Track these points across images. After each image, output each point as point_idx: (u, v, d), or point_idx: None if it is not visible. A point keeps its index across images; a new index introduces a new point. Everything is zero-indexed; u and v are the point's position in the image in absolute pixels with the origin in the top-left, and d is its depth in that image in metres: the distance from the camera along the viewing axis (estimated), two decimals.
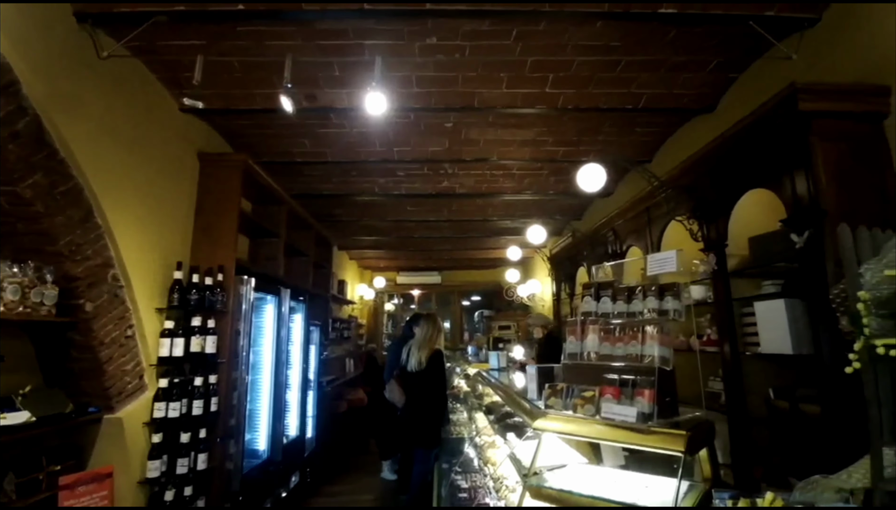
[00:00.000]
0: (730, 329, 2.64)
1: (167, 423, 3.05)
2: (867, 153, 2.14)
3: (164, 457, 3.02)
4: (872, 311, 0.97)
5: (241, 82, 3.22)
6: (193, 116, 3.58)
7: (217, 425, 3.30)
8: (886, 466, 0.97)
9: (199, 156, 3.61)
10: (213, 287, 3.32)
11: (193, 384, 3.17)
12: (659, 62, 3.06)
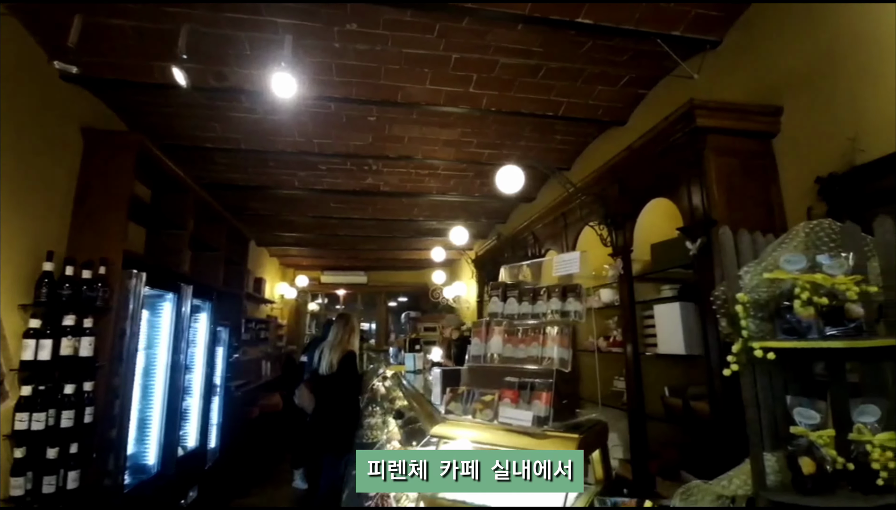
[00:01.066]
0: (632, 330, 2.73)
1: (31, 437, 2.61)
2: (756, 168, 2.28)
3: (28, 474, 2.59)
4: (751, 314, 0.97)
5: (135, 51, 2.86)
6: (80, 88, 3.13)
7: (93, 438, 2.89)
8: (769, 473, 0.97)
9: (83, 132, 3.16)
10: (93, 281, 2.90)
11: (63, 392, 2.74)
12: (577, 72, 3.12)
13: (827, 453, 0.86)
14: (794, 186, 2.17)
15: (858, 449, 0.86)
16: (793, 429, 0.89)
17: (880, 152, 1.81)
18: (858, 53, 1.94)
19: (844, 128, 1.95)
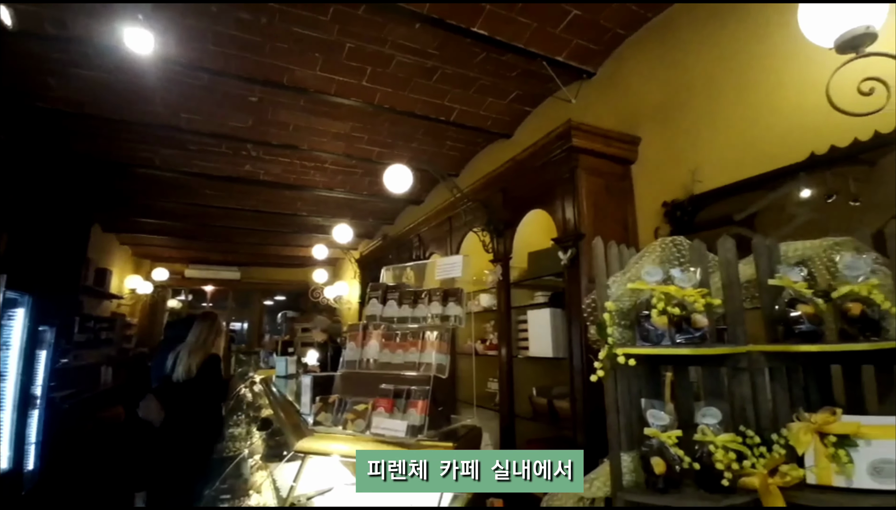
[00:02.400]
0: (507, 334, 2.83)
1: None
2: (617, 189, 2.51)
3: None
4: (616, 321, 1.01)
5: None
6: None
7: None
8: (625, 473, 1.00)
9: None
10: None
11: None
12: (470, 81, 3.17)
13: (675, 453, 0.92)
14: (645, 208, 2.43)
15: (703, 449, 0.93)
16: (646, 431, 0.94)
17: (712, 185, 2.10)
18: (703, 97, 2.24)
19: (688, 160, 2.23)
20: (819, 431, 0.89)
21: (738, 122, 2.06)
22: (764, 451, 0.91)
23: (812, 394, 0.97)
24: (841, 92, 1.46)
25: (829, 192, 1.73)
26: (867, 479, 0.86)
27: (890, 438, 0.85)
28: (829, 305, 0.91)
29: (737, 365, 0.95)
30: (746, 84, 2.05)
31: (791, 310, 0.91)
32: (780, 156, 1.85)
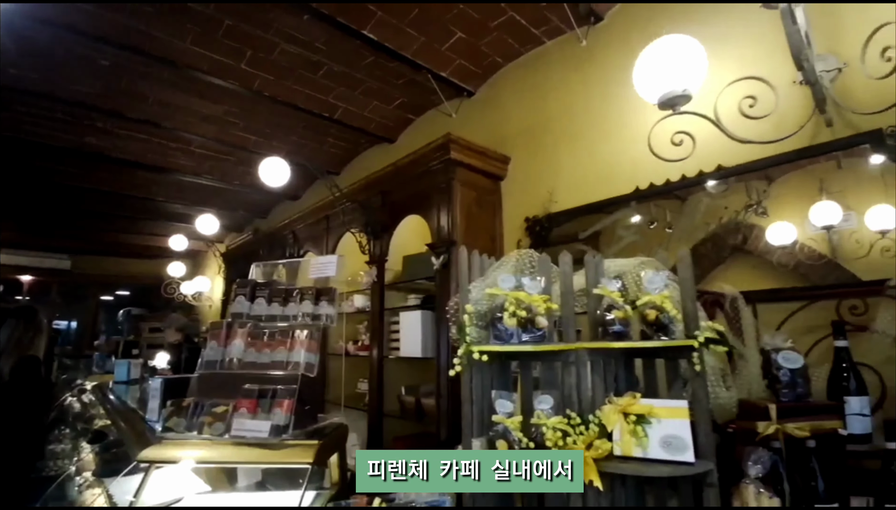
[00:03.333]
0: (380, 335, 2.88)
1: None
2: (488, 203, 2.73)
3: None
4: (474, 322, 1.13)
5: None
6: None
7: None
8: None
9: None
10: None
11: None
12: (357, 82, 3.17)
13: (516, 435, 1.06)
14: (511, 222, 2.68)
15: (538, 430, 1.08)
16: (494, 418, 1.07)
17: (565, 206, 2.41)
18: (562, 128, 2.55)
19: (547, 182, 2.52)
20: (623, 412, 1.10)
21: (587, 154, 2.40)
22: (583, 430, 1.09)
23: (621, 382, 1.19)
24: (659, 140, 1.81)
25: (652, 219, 2.12)
26: (659, 451, 1.08)
27: (674, 418, 1.09)
28: (635, 311, 1.13)
29: (568, 359, 1.13)
30: (594, 123, 2.40)
31: (608, 315, 1.12)
32: (615, 186, 2.21)
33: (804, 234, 1.69)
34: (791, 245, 1.71)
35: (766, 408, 1.13)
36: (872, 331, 1.38)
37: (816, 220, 1.66)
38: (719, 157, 1.86)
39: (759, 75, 1.63)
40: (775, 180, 1.79)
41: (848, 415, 1.21)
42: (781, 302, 1.60)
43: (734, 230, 1.87)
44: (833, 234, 1.64)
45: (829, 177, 1.65)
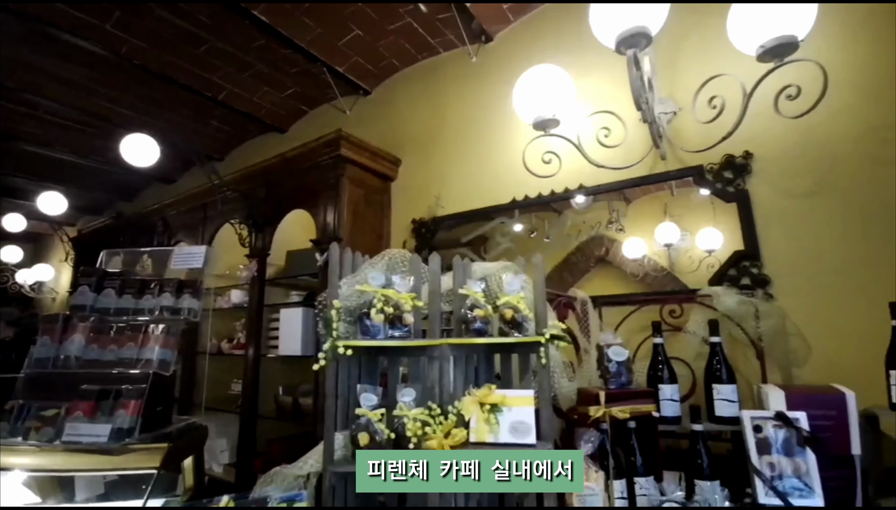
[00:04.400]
0: (257, 333, 2.73)
1: None
2: (377, 202, 2.75)
3: None
4: (343, 318, 1.15)
5: None
6: None
7: None
8: (336, 449, 1.13)
9: None
10: None
11: None
12: (246, 64, 2.98)
13: (378, 427, 1.10)
14: (399, 222, 2.74)
15: (400, 422, 1.13)
16: (357, 411, 1.10)
17: (450, 211, 2.53)
18: (452, 136, 2.67)
19: (435, 187, 2.62)
20: (480, 402, 1.20)
21: (473, 163, 2.54)
22: (442, 420, 1.17)
23: (482, 375, 1.30)
24: (532, 157, 1.99)
25: (533, 229, 2.31)
26: (508, 435, 1.19)
27: (522, 405, 1.21)
28: (496, 311, 1.24)
29: (432, 354, 1.20)
30: (481, 135, 2.55)
31: (471, 313, 1.21)
32: (496, 196, 2.37)
33: (651, 249, 1.97)
34: (641, 258, 1.98)
35: (597, 395, 1.31)
36: (686, 331, 1.67)
37: (660, 238, 1.96)
38: (581, 178, 2.10)
39: (612, 110, 1.88)
40: (632, 202, 2.07)
41: (662, 400, 1.45)
42: (620, 305, 1.86)
43: (599, 243, 2.11)
44: (672, 251, 1.94)
45: (672, 202, 1.95)
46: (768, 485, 1.24)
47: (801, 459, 1.26)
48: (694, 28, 1.97)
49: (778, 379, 1.60)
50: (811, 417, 1.30)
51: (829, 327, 1.56)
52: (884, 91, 1.60)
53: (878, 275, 1.52)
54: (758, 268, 1.69)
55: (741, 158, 1.78)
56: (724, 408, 1.41)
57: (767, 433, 1.31)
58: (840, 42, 1.69)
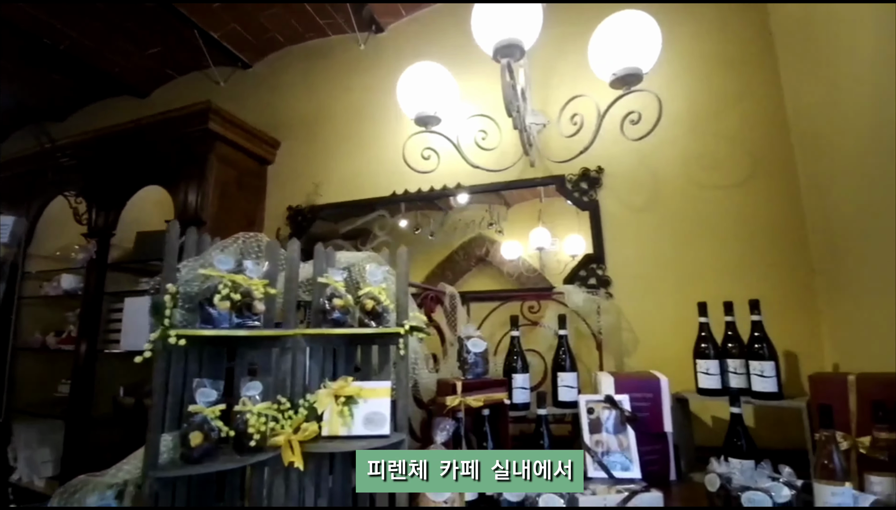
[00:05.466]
0: (94, 324, 2.36)
1: None
2: (251, 185, 2.54)
3: None
4: (179, 304, 1.03)
5: None
6: None
7: None
8: (163, 452, 1.00)
9: None
10: None
11: None
12: (96, 12, 2.55)
13: (215, 425, 1.00)
14: (273, 208, 2.57)
15: (242, 418, 1.04)
16: (190, 408, 0.99)
17: (329, 200, 2.44)
18: (336, 123, 2.57)
19: (314, 174, 2.51)
20: (336, 395, 1.17)
21: (357, 153, 2.48)
22: (292, 414, 1.11)
23: (340, 367, 1.26)
24: (413, 152, 2.00)
25: (418, 226, 2.31)
26: (362, 428, 1.17)
27: (379, 397, 1.20)
28: (357, 301, 1.21)
29: (284, 345, 1.13)
30: (365, 125, 2.50)
31: (330, 303, 1.17)
32: (378, 188, 2.34)
33: (526, 252, 2.10)
34: (516, 260, 2.10)
35: (454, 385, 1.36)
36: (542, 325, 1.81)
37: (534, 242, 2.09)
38: (459, 177, 2.16)
39: (491, 115, 1.97)
40: (512, 206, 2.18)
41: (514, 388, 1.55)
42: (487, 301, 1.95)
43: (480, 244, 2.19)
44: (543, 254, 2.08)
45: (545, 209, 2.09)
46: (596, 459, 1.39)
47: (624, 436, 1.43)
48: (567, 51, 2.14)
49: (612, 367, 1.81)
50: (633, 400, 1.49)
51: (654, 323, 1.81)
52: (703, 126, 1.90)
53: (694, 279, 1.80)
54: (602, 271, 1.90)
55: (595, 172, 1.98)
56: (566, 394, 1.56)
57: (599, 414, 1.47)
58: (673, 82, 1.96)
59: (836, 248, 1.59)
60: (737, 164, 1.84)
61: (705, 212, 1.85)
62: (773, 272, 1.73)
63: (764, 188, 1.79)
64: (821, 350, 1.65)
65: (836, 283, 1.60)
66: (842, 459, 1.12)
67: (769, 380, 1.40)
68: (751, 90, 1.87)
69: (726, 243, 1.80)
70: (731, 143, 1.86)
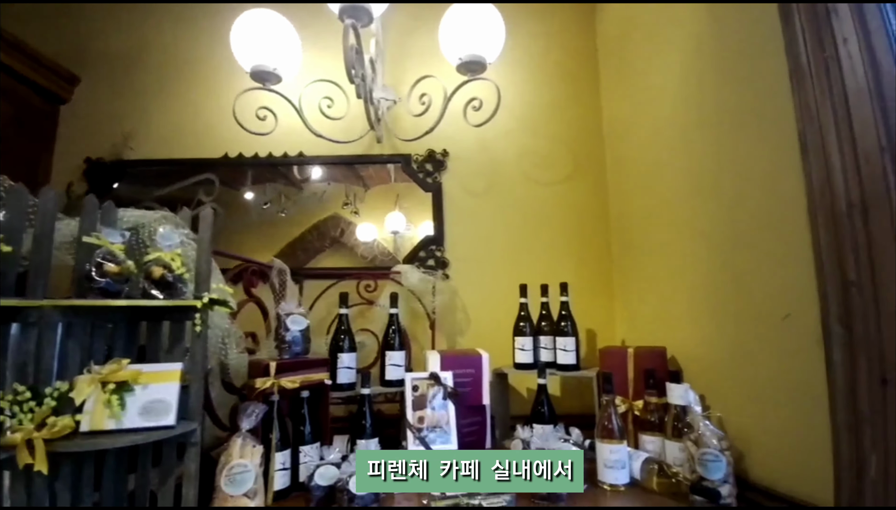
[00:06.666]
0: None
1: None
2: (36, 125, 2.01)
3: None
4: None
5: None
6: None
7: None
8: None
9: None
10: None
11: None
12: None
13: None
14: (67, 159, 2.06)
15: None
16: None
17: (144, 155, 2.05)
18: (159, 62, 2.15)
19: (125, 122, 2.07)
20: (103, 381, 0.95)
21: (180, 105, 2.11)
22: (34, 406, 0.87)
23: (120, 347, 1.03)
24: (246, 110, 1.77)
25: (267, 200, 2.05)
26: (137, 419, 0.97)
27: (165, 382, 1.01)
28: (141, 268, 1.00)
29: (27, 320, 0.88)
30: (196, 72, 2.14)
31: (99, 269, 0.94)
32: (204, 149, 2.03)
33: (382, 235, 2.01)
34: (372, 242, 2.01)
35: (267, 366, 1.22)
36: (377, 305, 1.75)
37: (389, 225, 2.02)
38: (302, 145, 1.99)
39: (337, 81, 1.83)
40: (371, 189, 2.07)
41: (339, 368, 1.47)
42: (322, 279, 1.83)
43: (335, 224, 2.05)
44: (399, 238, 2.02)
45: (404, 194, 2.02)
46: (415, 434, 1.39)
47: (445, 411, 1.46)
48: (421, 31, 2.10)
49: (445, 345, 1.85)
50: (458, 376, 1.53)
51: (486, 303, 1.89)
52: (537, 125, 2.04)
53: (521, 264, 1.92)
54: (441, 252, 1.92)
55: (440, 155, 1.99)
56: (393, 372, 1.53)
57: (424, 391, 1.48)
58: (516, 80, 2.06)
59: (627, 244, 1.84)
60: (561, 164, 2.01)
61: (534, 203, 1.98)
62: (584, 260, 1.94)
63: (581, 188, 1.99)
64: (614, 327, 1.90)
65: (626, 273, 1.85)
66: (619, 421, 1.28)
67: (570, 353, 1.55)
68: (577, 98, 2.05)
69: (549, 233, 1.96)
70: (558, 144, 2.02)
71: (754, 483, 1.13)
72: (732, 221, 1.23)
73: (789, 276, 1.03)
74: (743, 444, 1.17)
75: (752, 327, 1.16)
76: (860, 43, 0.87)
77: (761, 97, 1.13)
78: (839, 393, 0.93)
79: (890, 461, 0.82)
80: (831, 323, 0.94)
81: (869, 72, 0.85)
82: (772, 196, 1.08)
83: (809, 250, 0.97)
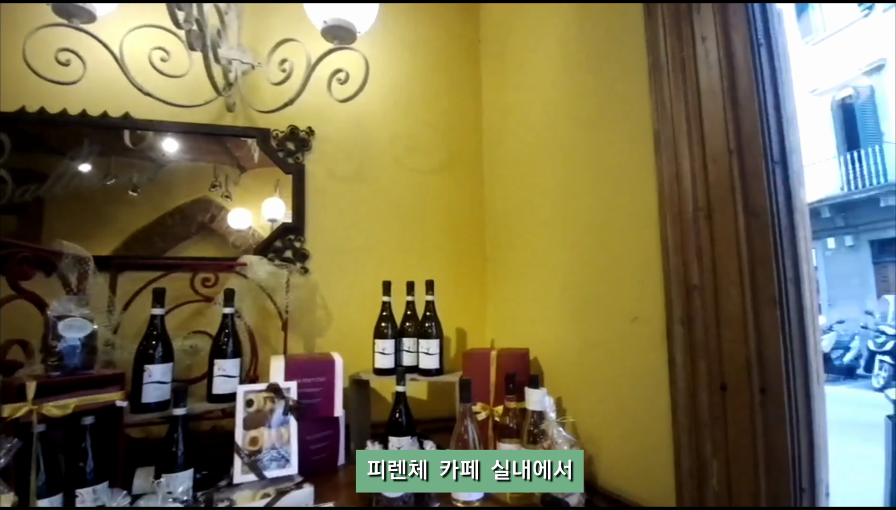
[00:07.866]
0: None
1: None
2: None
3: None
4: None
5: None
6: None
7: None
8: None
9: None
10: None
11: None
12: None
13: None
14: None
15: None
16: None
17: None
18: None
19: None
20: None
21: None
22: None
23: None
24: (45, 52, 1.35)
25: (110, 174, 1.59)
26: None
27: None
28: None
29: None
30: None
31: None
32: None
33: (258, 222, 1.69)
34: (247, 230, 1.67)
35: (21, 387, 0.89)
36: (216, 303, 1.45)
37: (267, 212, 1.70)
38: (128, 106, 1.59)
39: (174, 29, 1.48)
40: (247, 171, 1.72)
41: (147, 383, 1.16)
42: (147, 271, 1.47)
43: (205, 208, 1.68)
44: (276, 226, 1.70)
45: (284, 180, 1.71)
46: (244, 460, 1.15)
47: (285, 428, 1.23)
48: None
49: (301, 348, 1.61)
50: (306, 385, 1.31)
51: (351, 300, 1.69)
52: (413, 109, 1.87)
53: (388, 258, 1.75)
54: (301, 243, 1.67)
55: (304, 133, 1.73)
56: (223, 385, 1.26)
57: (261, 406, 1.23)
58: (391, 58, 1.88)
59: (501, 241, 1.77)
60: (436, 152, 1.88)
61: (406, 192, 1.82)
62: (457, 256, 1.83)
63: (456, 179, 1.87)
64: (485, 328, 1.82)
65: (498, 271, 1.78)
66: (476, 430, 1.16)
67: (433, 357, 1.41)
68: (456, 86, 1.93)
69: (421, 225, 1.82)
70: (434, 131, 1.88)
71: (601, 488, 1.09)
72: (597, 221, 1.18)
73: (642, 278, 0.99)
74: (593, 448, 1.13)
75: (604, 329, 1.12)
76: (718, 42, 0.83)
77: (625, 95, 1.09)
78: (680, 396, 0.90)
79: (731, 468, 0.79)
80: (674, 325, 0.90)
81: (724, 72, 0.81)
82: (633, 197, 1.04)
83: (659, 252, 0.93)
